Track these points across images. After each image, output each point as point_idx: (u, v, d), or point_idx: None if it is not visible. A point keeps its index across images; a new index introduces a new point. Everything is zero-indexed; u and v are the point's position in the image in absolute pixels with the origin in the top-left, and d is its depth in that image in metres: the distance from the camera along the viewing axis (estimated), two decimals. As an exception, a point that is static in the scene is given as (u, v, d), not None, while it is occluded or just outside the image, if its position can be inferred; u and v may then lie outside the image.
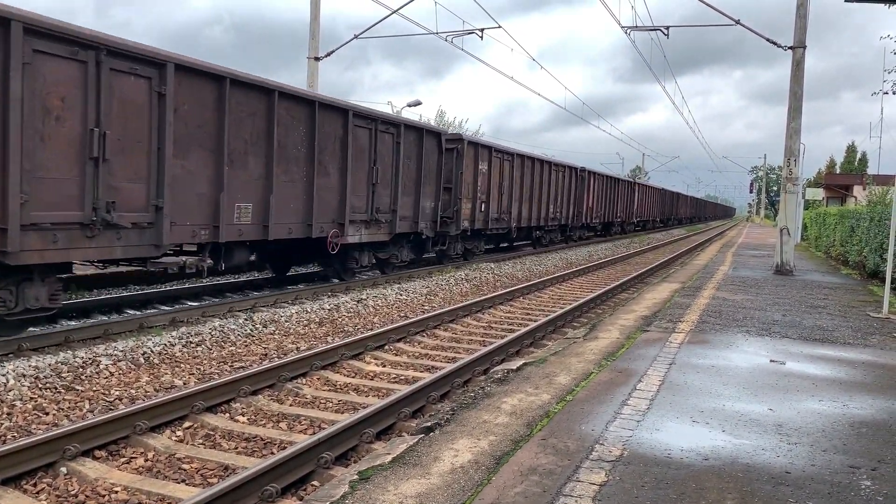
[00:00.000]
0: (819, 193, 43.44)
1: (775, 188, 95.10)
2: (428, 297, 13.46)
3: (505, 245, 25.33)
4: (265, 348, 8.66)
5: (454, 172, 17.58)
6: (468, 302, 12.14)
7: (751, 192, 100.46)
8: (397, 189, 14.69)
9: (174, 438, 5.58)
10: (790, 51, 16.41)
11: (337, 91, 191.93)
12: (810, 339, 8.42)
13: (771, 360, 7.13)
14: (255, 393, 6.69)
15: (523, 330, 9.61)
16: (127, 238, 8.59)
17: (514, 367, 6.65)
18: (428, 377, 6.95)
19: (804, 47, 16.34)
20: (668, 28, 18.73)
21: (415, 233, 15.89)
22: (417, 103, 32.87)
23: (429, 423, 4.87)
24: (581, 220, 29.63)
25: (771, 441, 4.64)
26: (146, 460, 5.13)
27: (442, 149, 16.61)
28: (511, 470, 3.98)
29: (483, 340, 9.68)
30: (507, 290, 14.05)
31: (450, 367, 7.38)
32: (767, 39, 16.79)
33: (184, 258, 9.89)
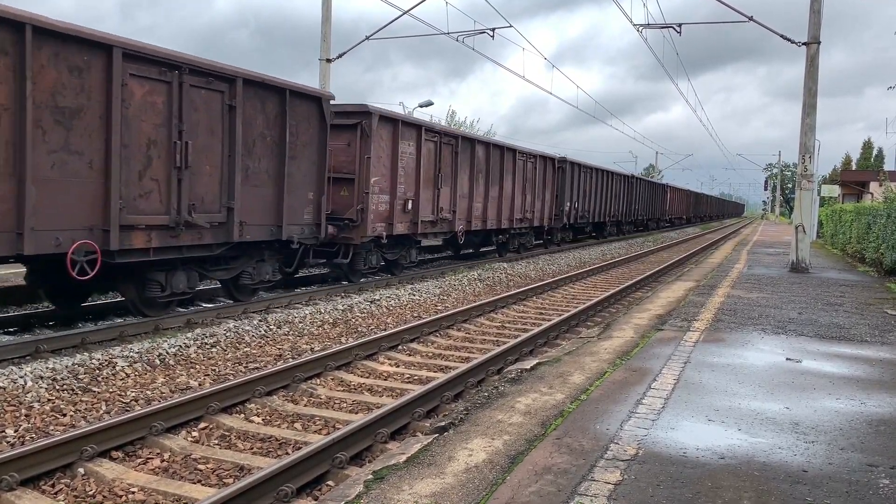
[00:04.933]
0: (835, 190, 42.99)
1: (790, 185, 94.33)
2: (441, 297, 13.47)
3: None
4: (279, 349, 8.69)
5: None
6: (481, 302, 12.14)
7: (765, 189, 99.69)
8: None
9: (190, 439, 5.62)
10: (804, 47, 16.27)
11: (355, 92, 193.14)
12: (827, 336, 8.34)
13: (787, 359, 7.07)
14: (269, 393, 6.72)
15: (537, 329, 9.59)
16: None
17: (528, 367, 6.64)
18: (442, 377, 6.96)
19: (818, 43, 16.18)
20: (680, 25, 18.60)
21: None
22: (429, 104, 32.97)
23: (443, 423, 4.87)
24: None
25: (787, 440, 4.60)
26: (162, 461, 5.16)
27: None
28: (526, 469, 3.97)
29: (496, 340, 9.67)
30: (521, 289, 14.04)
31: (463, 366, 7.39)
32: (781, 35, 16.64)
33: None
